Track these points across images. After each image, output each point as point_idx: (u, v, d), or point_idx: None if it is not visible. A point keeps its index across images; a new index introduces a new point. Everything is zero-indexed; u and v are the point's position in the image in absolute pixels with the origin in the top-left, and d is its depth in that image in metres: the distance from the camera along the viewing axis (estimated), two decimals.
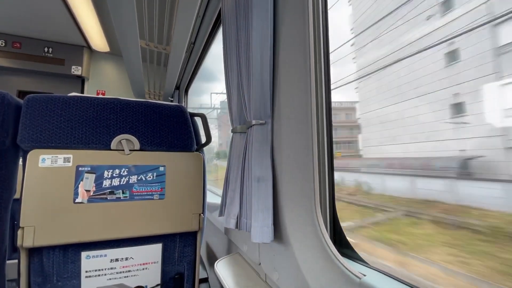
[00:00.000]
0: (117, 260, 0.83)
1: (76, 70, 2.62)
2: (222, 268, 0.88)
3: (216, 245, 1.35)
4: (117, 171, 0.83)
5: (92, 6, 1.99)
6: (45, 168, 0.75)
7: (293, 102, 0.64)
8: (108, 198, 0.81)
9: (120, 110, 0.86)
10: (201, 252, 1.54)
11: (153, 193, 0.86)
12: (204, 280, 1.15)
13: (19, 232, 0.71)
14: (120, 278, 0.83)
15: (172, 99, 2.92)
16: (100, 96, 0.85)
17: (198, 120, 1.04)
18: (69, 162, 0.77)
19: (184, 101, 2.98)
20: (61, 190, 0.76)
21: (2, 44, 2.40)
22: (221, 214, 0.88)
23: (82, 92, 2.76)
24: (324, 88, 0.65)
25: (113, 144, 0.83)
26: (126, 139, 0.85)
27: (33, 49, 2.49)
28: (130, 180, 0.84)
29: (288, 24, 0.66)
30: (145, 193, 0.85)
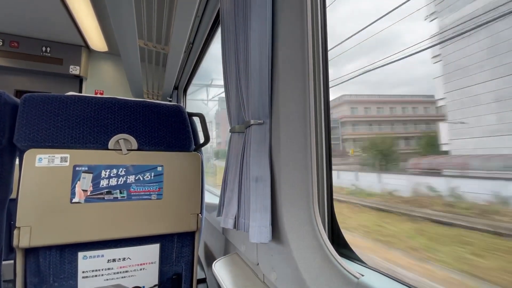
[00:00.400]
0: (115, 261, 0.82)
1: (74, 70, 2.61)
2: (220, 269, 0.88)
3: (214, 245, 1.35)
4: (115, 171, 0.82)
5: (91, 6, 1.98)
6: (42, 168, 0.74)
7: (292, 102, 0.64)
8: (106, 198, 0.80)
9: (118, 110, 0.85)
10: (199, 252, 1.53)
11: (151, 193, 0.86)
12: (202, 281, 1.14)
13: (15, 232, 0.70)
14: (118, 279, 0.82)
15: (171, 99, 2.92)
16: (98, 96, 0.85)
17: (197, 120, 1.04)
18: (66, 162, 0.77)
19: (183, 101, 2.97)
20: (58, 190, 0.75)
21: (0, 43, 2.38)
22: (219, 214, 0.87)
23: (80, 92, 2.75)
24: (323, 88, 0.65)
25: (111, 144, 0.83)
26: (124, 139, 0.84)
27: (31, 49, 2.47)
28: (128, 180, 0.84)
29: (287, 24, 0.66)
30: (143, 193, 0.85)
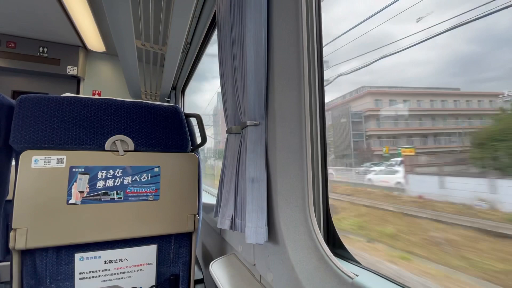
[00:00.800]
0: (111, 262, 0.82)
1: (72, 70, 2.60)
2: (217, 269, 0.88)
3: (212, 246, 1.35)
4: (111, 172, 0.82)
5: (88, 6, 1.98)
6: (38, 169, 0.74)
7: (287, 103, 0.65)
8: (102, 199, 0.80)
9: (115, 111, 0.85)
10: (197, 253, 1.53)
11: (148, 194, 0.86)
12: (200, 281, 1.14)
13: (12, 234, 0.70)
14: (115, 280, 0.82)
15: (169, 100, 2.91)
16: (94, 97, 0.85)
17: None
18: (63, 163, 0.77)
19: (181, 102, 2.97)
20: (54, 191, 0.75)
21: None
22: (216, 215, 0.88)
23: (78, 93, 2.74)
24: (318, 89, 0.65)
25: (107, 145, 0.83)
26: (121, 140, 0.84)
27: (28, 49, 2.46)
28: (125, 181, 0.84)
29: (282, 25, 0.66)
30: (140, 194, 0.85)
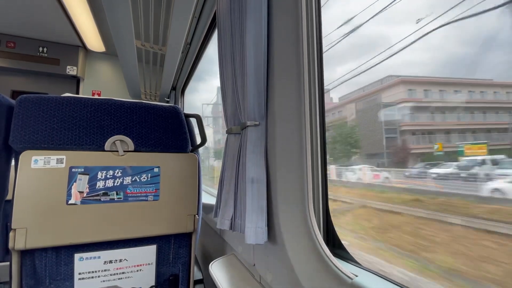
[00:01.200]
0: (111, 262, 0.82)
1: (71, 70, 2.60)
2: (217, 269, 0.88)
3: (212, 246, 1.35)
4: (111, 172, 0.82)
5: (87, 6, 1.98)
6: (38, 169, 0.74)
7: (287, 103, 0.65)
8: (102, 200, 0.80)
9: (114, 111, 0.85)
10: (197, 253, 1.53)
11: (148, 194, 0.86)
12: (199, 282, 1.14)
13: (11, 234, 0.70)
14: (114, 280, 0.82)
15: (169, 100, 2.91)
16: (94, 97, 0.85)
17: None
18: (62, 163, 0.77)
19: (181, 102, 2.97)
20: (54, 192, 0.75)
21: None
22: (216, 215, 0.88)
23: (78, 93, 2.74)
24: (318, 89, 0.65)
25: (107, 145, 0.83)
26: (120, 140, 0.84)
27: (28, 49, 2.46)
28: (124, 181, 0.84)
29: (282, 26, 0.66)
30: (139, 194, 0.85)
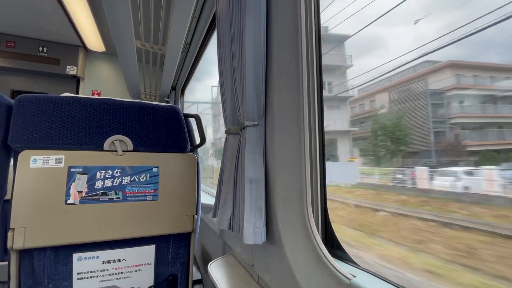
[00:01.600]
0: (110, 262, 0.82)
1: (71, 70, 2.60)
2: (216, 270, 0.88)
3: (211, 246, 1.35)
4: (110, 172, 0.82)
5: (87, 5, 1.98)
6: (37, 169, 0.74)
7: (286, 104, 0.65)
8: (101, 199, 0.80)
9: (113, 111, 0.85)
10: (196, 253, 1.53)
11: (146, 194, 0.86)
12: (198, 282, 1.14)
13: (10, 234, 0.70)
14: (113, 280, 0.82)
15: (168, 100, 2.91)
16: (93, 97, 0.85)
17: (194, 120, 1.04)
18: (61, 163, 0.77)
19: (180, 102, 2.97)
20: (53, 191, 0.75)
21: None
22: (215, 215, 0.88)
23: (77, 92, 2.74)
24: (316, 90, 0.65)
25: (106, 145, 0.83)
26: (119, 140, 0.84)
27: (28, 49, 2.46)
28: (123, 181, 0.84)
29: (281, 26, 0.66)
30: (138, 194, 0.85)
